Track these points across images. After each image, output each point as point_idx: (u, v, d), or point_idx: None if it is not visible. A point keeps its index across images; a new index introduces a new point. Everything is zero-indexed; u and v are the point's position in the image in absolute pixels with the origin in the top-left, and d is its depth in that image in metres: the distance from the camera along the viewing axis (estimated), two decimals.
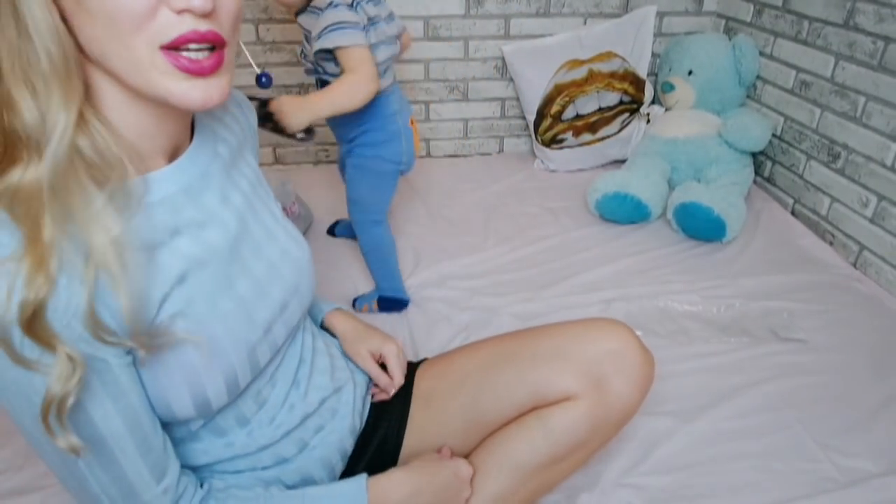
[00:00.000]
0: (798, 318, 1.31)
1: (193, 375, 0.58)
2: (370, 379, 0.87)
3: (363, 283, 1.44)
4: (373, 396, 0.87)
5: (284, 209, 1.56)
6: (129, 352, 0.54)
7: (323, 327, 0.89)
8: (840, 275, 1.47)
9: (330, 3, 1.15)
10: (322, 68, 1.21)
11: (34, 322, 0.45)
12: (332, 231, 1.66)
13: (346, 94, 1.16)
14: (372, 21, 1.18)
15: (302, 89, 1.92)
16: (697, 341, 1.25)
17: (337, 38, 1.14)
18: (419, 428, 0.84)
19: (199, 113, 0.65)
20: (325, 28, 1.14)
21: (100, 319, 0.49)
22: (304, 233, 1.66)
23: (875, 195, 1.46)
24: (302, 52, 1.27)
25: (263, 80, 0.53)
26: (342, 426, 0.78)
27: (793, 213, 1.74)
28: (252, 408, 0.68)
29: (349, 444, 0.79)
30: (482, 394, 0.80)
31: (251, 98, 1.15)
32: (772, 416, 1.08)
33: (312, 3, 1.18)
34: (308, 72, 1.27)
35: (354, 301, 1.38)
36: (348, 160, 1.32)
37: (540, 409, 0.77)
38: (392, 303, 1.36)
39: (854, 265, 1.52)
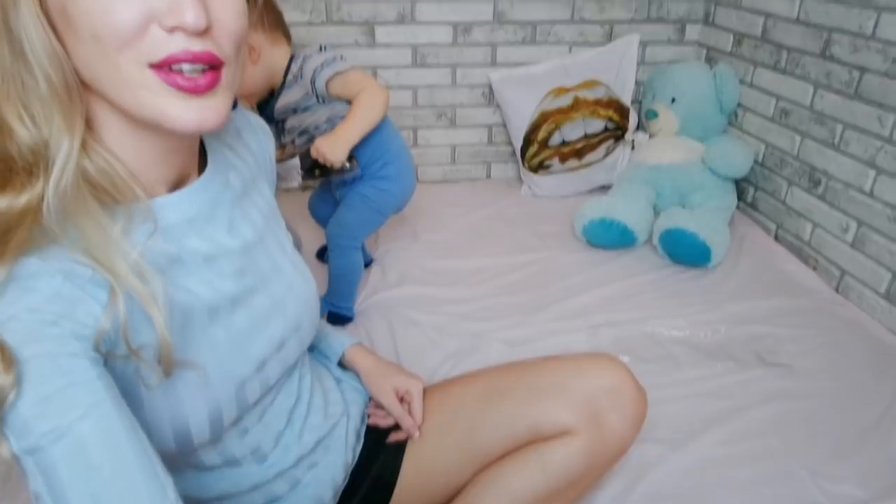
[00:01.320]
0: (783, 342, 1.32)
1: (177, 407, 0.55)
2: (365, 407, 0.86)
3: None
4: (385, 433, 0.84)
5: None
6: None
7: (340, 363, 0.88)
8: (823, 299, 1.49)
9: (304, 58, 1.26)
10: (334, 117, 1.29)
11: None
12: (321, 255, 1.65)
13: (368, 109, 1.23)
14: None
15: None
16: (685, 367, 1.26)
17: (332, 69, 1.23)
18: (415, 461, 0.82)
19: (210, 139, 0.63)
20: (315, 70, 1.23)
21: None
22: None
23: (855, 221, 1.49)
24: (293, 132, 1.34)
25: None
26: (335, 461, 0.76)
27: (776, 238, 1.76)
28: (239, 447, 0.66)
29: (342, 479, 0.78)
30: (479, 427, 0.80)
31: (293, 155, 1.24)
32: (760, 441, 1.08)
33: (289, 78, 1.28)
34: (303, 155, 1.32)
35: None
36: (354, 187, 1.35)
37: (537, 443, 0.77)
38: (340, 318, 1.39)
39: (836, 290, 1.54)
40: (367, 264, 1.61)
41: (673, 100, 1.86)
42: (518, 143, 2.00)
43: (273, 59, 1.27)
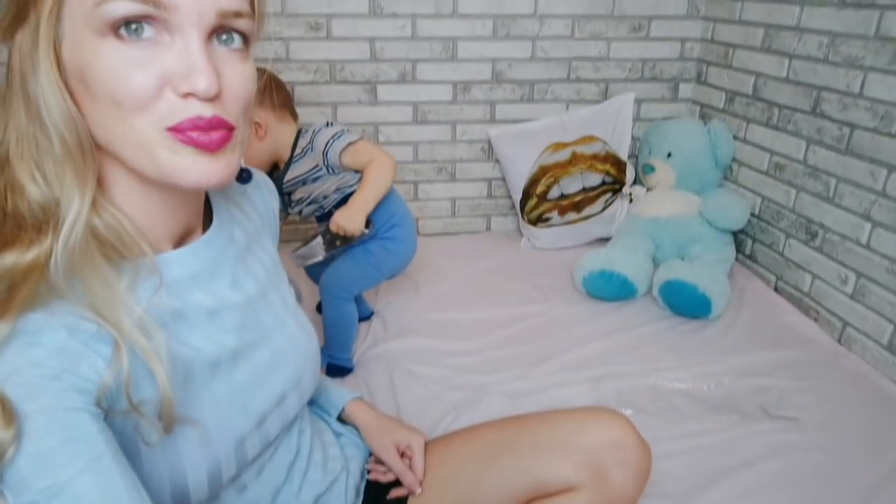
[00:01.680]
0: (788, 395, 1.31)
1: (176, 463, 0.54)
2: (365, 462, 0.85)
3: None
4: (385, 489, 0.82)
5: None
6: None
7: (340, 417, 0.87)
8: (826, 351, 1.48)
9: (314, 132, 1.32)
10: (344, 187, 1.35)
11: None
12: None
13: (380, 176, 1.29)
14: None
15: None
16: (689, 420, 1.24)
17: (343, 141, 1.29)
18: None
19: (216, 196, 0.64)
20: (328, 143, 1.29)
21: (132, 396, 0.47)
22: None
23: (854, 272, 1.50)
24: (301, 203, 1.39)
25: (245, 175, 0.56)
26: None
27: (776, 289, 1.77)
28: (236, 502, 0.64)
29: None
30: (480, 484, 0.78)
31: (314, 237, 1.29)
32: (767, 497, 1.06)
33: (297, 152, 1.33)
34: (327, 213, 1.37)
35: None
36: (361, 244, 1.37)
37: (540, 501, 0.75)
38: (339, 370, 1.39)
39: (839, 341, 1.53)
40: (368, 317, 1.61)
41: (669, 154, 1.90)
42: (517, 197, 2.03)
43: (279, 135, 1.33)
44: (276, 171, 1.38)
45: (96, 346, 0.47)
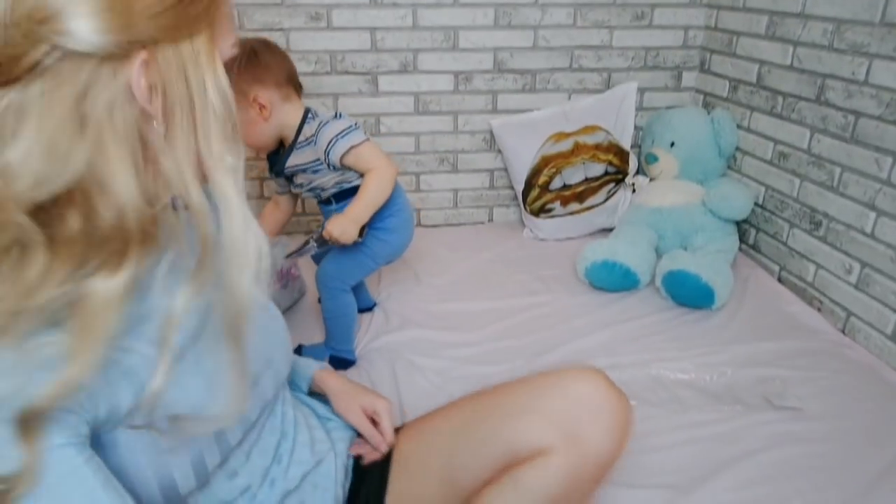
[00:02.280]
0: (791, 385, 1.30)
1: (156, 457, 0.54)
2: (351, 444, 0.86)
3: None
4: (360, 458, 0.84)
5: (286, 272, 1.55)
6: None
7: (311, 391, 0.89)
8: (829, 341, 1.47)
9: (320, 124, 1.28)
10: (343, 182, 1.34)
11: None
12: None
13: (378, 189, 1.28)
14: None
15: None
16: (691, 410, 1.24)
17: (347, 142, 1.26)
18: (398, 494, 0.81)
19: None
20: (331, 142, 1.26)
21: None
22: (297, 301, 1.65)
23: (858, 262, 1.49)
24: (301, 186, 1.38)
25: None
26: (325, 498, 0.75)
27: (779, 279, 1.76)
28: (227, 487, 0.65)
29: None
30: (457, 455, 0.78)
31: (307, 242, 1.27)
32: (770, 487, 1.06)
33: (300, 139, 1.30)
34: (325, 200, 1.39)
35: (300, 348, 1.42)
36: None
37: (512, 468, 0.73)
38: (341, 362, 1.38)
39: (843, 331, 1.53)
40: (370, 308, 1.61)
41: (672, 144, 1.89)
42: (519, 188, 2.02)
43: (285, 115, 1.29)
44: (282, 148, 1.35)
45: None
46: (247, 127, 1.25)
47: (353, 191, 1.33)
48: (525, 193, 2.01)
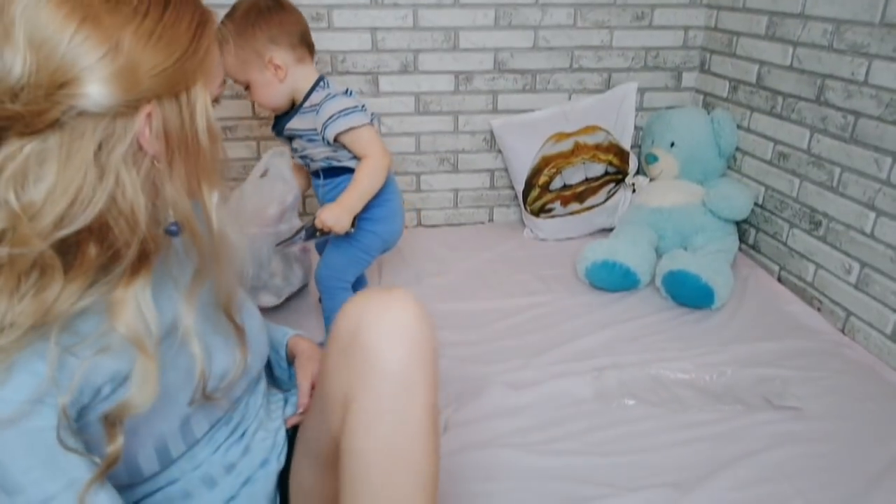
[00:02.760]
0: (791, 385, 1.30)
1: (126, 442, 0.59)
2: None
3: None
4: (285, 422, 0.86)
5: (300, 242, 1.42)
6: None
7: (288, 361, 0.95)
8: (829, 341, 1.48)
9: (327, 96, 1.25)
10: (333, 159, 1.31)
11: None
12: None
13: (371, 178, 1.26)
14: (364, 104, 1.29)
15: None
16: (691, 410, 1.24)
17: (347, 122, 1.24)
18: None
19: None
20: (331, 117, 1.24)
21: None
22: (301, 288, 1.67)
23: (858, 262, 1.49)
24: (295, 151, 1.36)
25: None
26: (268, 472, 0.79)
27: (779, 279, 1.76)
28: (190, 476, 0.70)
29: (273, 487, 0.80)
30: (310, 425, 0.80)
31: (297, 233, 1.27)
32: (770, 487, 1.06)
33: (306, 104, 1.27)
34: (314, 172, 1.37)
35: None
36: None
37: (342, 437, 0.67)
38: None
39: (842, 331, 1.53)
40: None
41: (672, 144, 1.89)
42: (520, 188, 2.02)
43: (298, 78, 1.27)
44: (291, 109, 1.32)
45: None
46: (262, 89, 1.25)
47: (342, 170, 1.31)
48: (525, 193, 2.02)
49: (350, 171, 1.31)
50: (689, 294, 1.57)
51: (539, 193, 1.99)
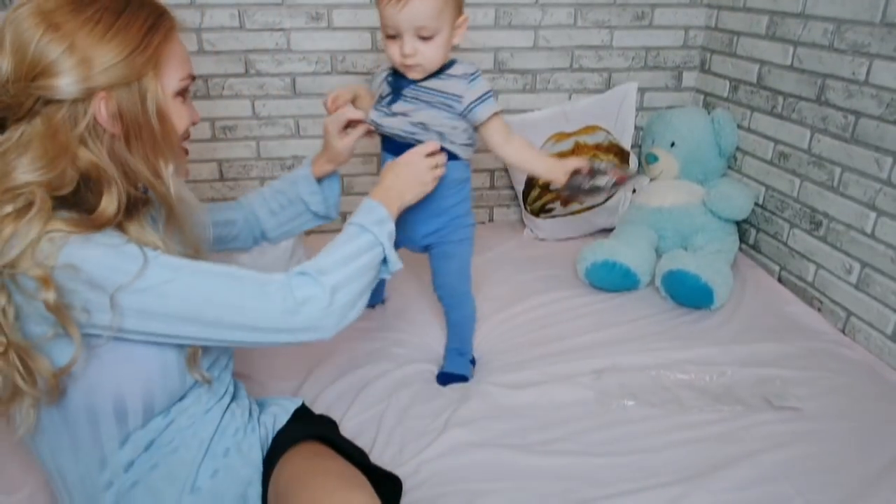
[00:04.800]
0: (791, 385, 1.30)
1: (117, 373, 0.75)
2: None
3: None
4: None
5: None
6: None
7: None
8: (829, 341, 1.47)
9: (478, 72, 1.17)
10: (449, 137, 1.18)
11: None
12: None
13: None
14: None
15: (295, 161, 1.96)
16: (691, 410, 1.24)
17: (492, 106, 1.17)
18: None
19: None
20: (481, 97, 1.15)
21: None
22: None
23: (858, 262, 1.49)
24: (403, 114, 1.18)
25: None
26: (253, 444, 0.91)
27: (779, 279, 1.76)
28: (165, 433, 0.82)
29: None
30: None
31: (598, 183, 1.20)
32: (770, 487, 1.06)
33: (453, 70, 1.16)
34: (399, 142, 1.18)
35: (443, 377, 1.34)
36: (448, 241, 1.30)
37: None
38: (458, 377, 1.35)
39: (843, 331, 1.53)
40: (380, 303, 1.61)
41: (672, 144, 1.89)
42: (520, 188, 2.02)
43: (452, 43, 1.15)
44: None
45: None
46: (442, 46, 1.11)
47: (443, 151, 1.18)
48: (525, 193, 2.01)
49: (452, 155, 1.19)
50: (689, 294, 1.57)
51: (539, 193, 1.99)
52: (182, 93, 0.80)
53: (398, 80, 1.18)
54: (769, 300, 1.64)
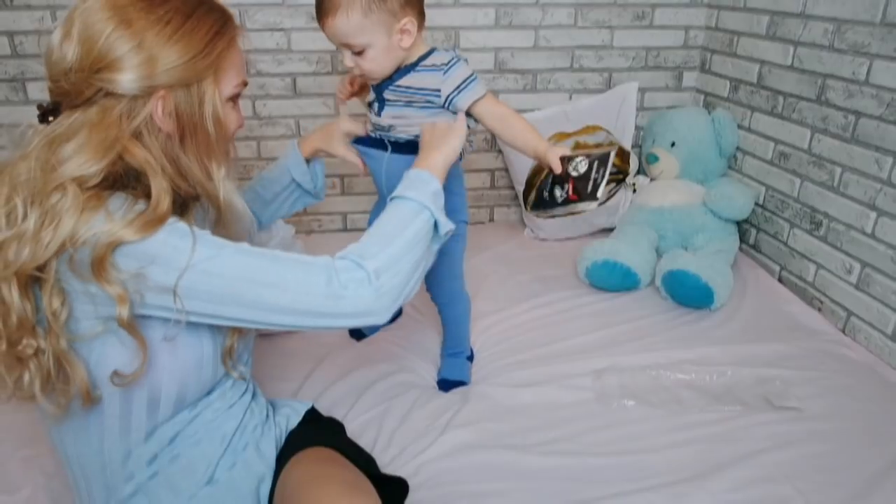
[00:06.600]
0: (791, 385, 1.30)
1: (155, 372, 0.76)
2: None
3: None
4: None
5: None
6: None
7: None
8: (830, 341, 1.47)
9: (454, 59, 1.13)
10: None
11: None
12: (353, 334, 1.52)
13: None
14: None
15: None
16: (692, 410, 1.24)
17: (478, 89, 1.12)
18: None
19: None
20: (458, 87, 1.11)
21: None
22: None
23: (858, 262, 1.49)
24: (392, 121, 1.17)
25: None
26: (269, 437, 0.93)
27: (780, 279, 1.76)
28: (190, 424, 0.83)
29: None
30: None
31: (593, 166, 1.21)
32: (770, 487, 1.06)
33: (425, 63, 1.13)
34: (392, 143, 1.18)
35: (443, 383, 1.33)
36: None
37: None
38: (457, 383, 1.34)
39: (843, 331, 1.53)
40: (399, 314, 1.59)
41: (673, 144, 1.89)
42: (520, 188, 2.02)
43: (417, 44, 1.13)
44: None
45: None
46: (383, 54, 1.09)
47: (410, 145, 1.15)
48: (526, 193, 2.01)
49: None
50: (689, 294, 1.57)
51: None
52: (234, 97, 0.82)
53: (378, 83, 1.16)
54: (769, 300, 1.65)
